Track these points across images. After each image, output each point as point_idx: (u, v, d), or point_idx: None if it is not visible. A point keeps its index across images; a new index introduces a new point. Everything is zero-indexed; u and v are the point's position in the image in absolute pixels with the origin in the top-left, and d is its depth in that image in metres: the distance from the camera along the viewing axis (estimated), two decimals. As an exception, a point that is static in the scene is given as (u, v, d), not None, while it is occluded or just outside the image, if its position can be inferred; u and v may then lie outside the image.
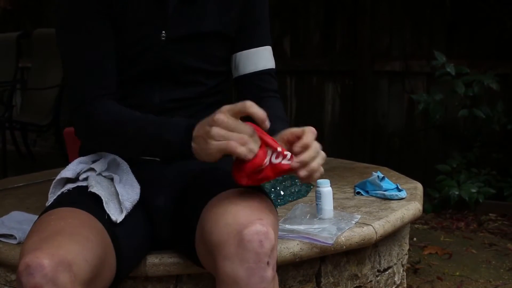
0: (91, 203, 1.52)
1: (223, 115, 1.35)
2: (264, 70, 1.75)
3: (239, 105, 1.36)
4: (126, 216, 1.55)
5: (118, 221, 1.52)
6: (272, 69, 1.77)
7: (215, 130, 1.34)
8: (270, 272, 1.34)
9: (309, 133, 1.42)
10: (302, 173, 1.39)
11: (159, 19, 1.61)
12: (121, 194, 1.56)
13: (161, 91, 1.65)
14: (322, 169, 1.43)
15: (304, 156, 1.39)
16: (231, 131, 1.34)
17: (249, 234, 1.33)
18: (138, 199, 1.61)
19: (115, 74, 1.61)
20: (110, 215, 1.51)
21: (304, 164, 1.39)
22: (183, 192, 1.66)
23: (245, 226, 1.34)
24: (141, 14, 1.60)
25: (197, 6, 1.64)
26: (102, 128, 1.56)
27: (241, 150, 1.33)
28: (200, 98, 1.69)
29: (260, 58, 1.74)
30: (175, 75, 1.65)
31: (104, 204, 1.52)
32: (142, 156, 1.59)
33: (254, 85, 1.75)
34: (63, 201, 1.53)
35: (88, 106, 1.57)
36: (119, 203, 1.56)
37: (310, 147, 1.40)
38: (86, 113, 1.57)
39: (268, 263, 1.33)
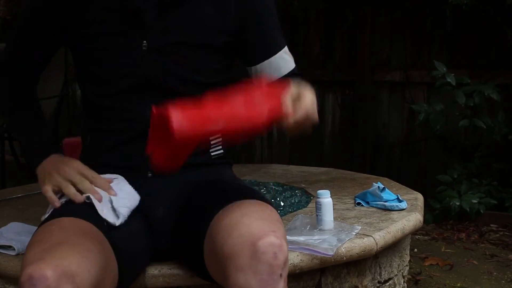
0: (91, 212, 1.51)
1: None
2: (287, 73, 1.76)
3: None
4: (126, 226, 1.54)
5: (116, 224, 1.51)
6: (294, 68, 1.78)
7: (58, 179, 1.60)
8: (282, 285, 1.34)
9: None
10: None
11: (138, 29, 1.59)
12: (115, 201, 1.56)
13: (152, 103, 1.63)
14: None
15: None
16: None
17: (264, 245, 1.32)
18: (136, 205, 1.60)
19: (32, 68, 1.78)
20: (108, 219, 1.50)
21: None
22: (184, 203, 1.65)
23: (259, 238, 1.33)
24: (118, 26, 1.59)
25: (180, 14, 1.61)
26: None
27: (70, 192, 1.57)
28: None
29: (281, 64, 1.75)
30: (164, 87, 1.63)
31: (99, 212, 1.51)
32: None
33: None
34: (63, 211, 1.53)
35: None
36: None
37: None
38: None
39: (280, 275, 1.34)
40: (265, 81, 1.43)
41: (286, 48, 1.77)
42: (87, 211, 1.51)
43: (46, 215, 1.57)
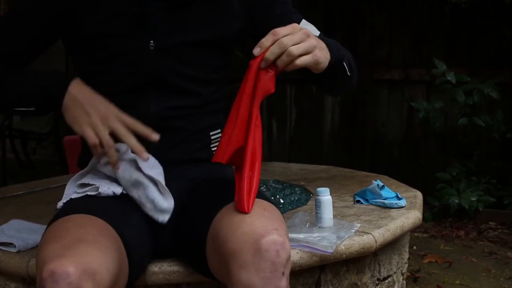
0: (106, 211, 1.51)
1: (117, 123, 1.49)
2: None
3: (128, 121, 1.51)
4: (133, 224, 1.56)
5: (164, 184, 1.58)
6: (320, 34, 1.80)
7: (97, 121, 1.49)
8: (284, 283, 1.35)
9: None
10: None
11: (145, 29, 1.60)
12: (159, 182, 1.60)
13: (156, 101, 1.64)
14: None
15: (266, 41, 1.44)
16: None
17: (267, 243, 1.33)
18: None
19: (21, 58, 1.68)
20: (158, 179, 1.57)
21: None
22: (186, 200, 1.65)
23: (262, 236, 1.34)
24: (125, 28, 1.60)
25: (187, 14, 1.62)
26: None
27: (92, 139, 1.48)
28: (198, 107, 1.69)
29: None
30: (168, 85, 1.64)
31: (144, 170, 1.57)
32: (15, 107, 1.64)
33: None
34: (78, 207, 1.53)
35: None
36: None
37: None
38: None
39: (283, 273, 1.34)
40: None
41: (304, 21, 1.79)
42: (102, 209, 1.52)
43: (63, 201, 1.59)
